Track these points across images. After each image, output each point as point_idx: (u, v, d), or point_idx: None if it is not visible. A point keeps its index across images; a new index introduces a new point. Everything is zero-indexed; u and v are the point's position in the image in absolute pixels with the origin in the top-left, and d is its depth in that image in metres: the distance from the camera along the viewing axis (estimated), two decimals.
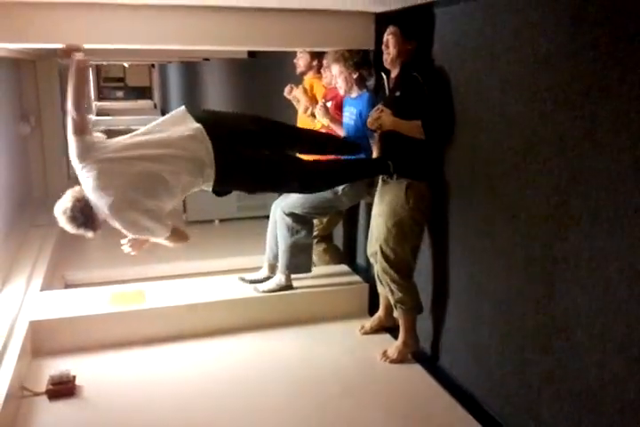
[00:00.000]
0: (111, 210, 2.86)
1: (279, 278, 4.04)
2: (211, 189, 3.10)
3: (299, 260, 4.00)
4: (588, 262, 2.27)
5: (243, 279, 4.22)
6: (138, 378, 3.34)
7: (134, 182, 2.86)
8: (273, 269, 4.15)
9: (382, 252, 3.30)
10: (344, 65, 3.67)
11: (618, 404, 2.18)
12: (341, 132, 3.96)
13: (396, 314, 3.45)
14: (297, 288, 4.08)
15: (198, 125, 3.01)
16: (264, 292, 4.02)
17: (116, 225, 2.97)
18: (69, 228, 2.99)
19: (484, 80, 2.82)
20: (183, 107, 3.19)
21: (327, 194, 3.81)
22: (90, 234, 3.03)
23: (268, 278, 4.14)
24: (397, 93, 3.21)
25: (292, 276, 4.07)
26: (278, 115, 4.67)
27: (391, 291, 3.38)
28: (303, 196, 3.84)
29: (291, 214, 3.89)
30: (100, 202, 2.87)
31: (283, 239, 3.94)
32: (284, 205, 3.92)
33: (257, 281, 4.17)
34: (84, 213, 2.95)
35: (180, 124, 3.04)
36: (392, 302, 3.42)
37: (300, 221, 3.92)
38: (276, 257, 4.08)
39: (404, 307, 3.37)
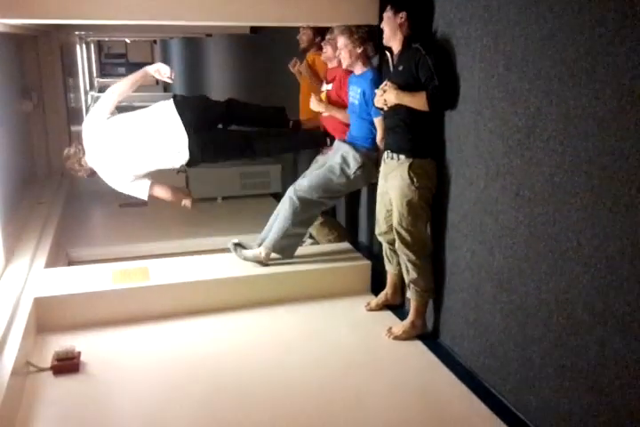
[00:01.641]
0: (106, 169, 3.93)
1: (259, 251, 4.02)
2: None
3: (286, 243, 4.00)
4: (590, 241, 2.27)
5: (233, 244, 4.16)
6: (142, 354, 3.37)
7: (123, 152, 3.87)
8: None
9: (398, 233, 3.32)
10: (349, 38, 3.64)
11: (618, 381, 2.20)
12: (343, 117, 4.01)
13: (408, 294, 3.47)
14: (301, 264, 4.09)
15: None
16: (238, 256, 4.03)
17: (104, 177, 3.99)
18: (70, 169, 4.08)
19: (488, 56, 2.79)
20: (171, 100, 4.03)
21: (341, 178, 3.82)
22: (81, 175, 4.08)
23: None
24: (401, 67, 3.19)
25: (297, 253, 4.09)
26: (280, 89, 4.64)
27: (407, 271, 3.39)
28: (317, 180, 3.86)
29: (301, 199, 3.88)
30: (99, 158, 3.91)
31: (282, 219, 3.93)
32: (299, 187, 3.91)
33: (242, 246, 4.14)
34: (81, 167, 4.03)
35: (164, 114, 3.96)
36: (407, 281, 3.43)
37: (308, 208, 3.91)
38: None
39: (417, 288, 3.38)
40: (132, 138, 3.89)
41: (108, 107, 3.94)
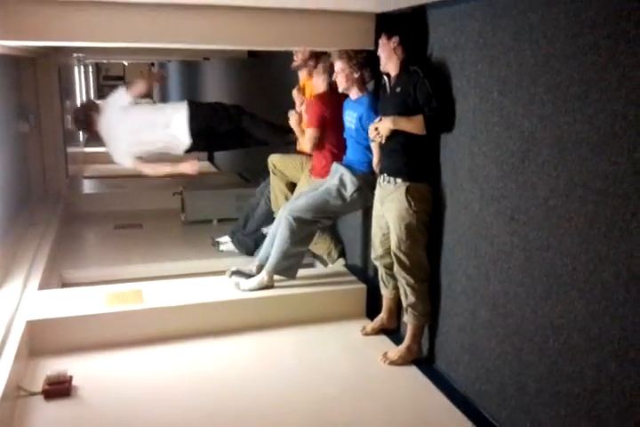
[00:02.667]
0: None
1: (262, 277, 4.03)
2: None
3: (287, 263, 4.00)
4: (586, 265, 2.27)
5: (230, 273, 4.21)
6: (134, 378, 3.34)
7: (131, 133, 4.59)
8: (261, 269, 4.13)
9: (397, 257, 3.31)
10: (347, 63, 3.67)
11: (615, 408, 2.18)
12: (300, 139, 4.29)
13: (405, 318, 3.44)
14: (295, 288, 4.08)
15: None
16: (244, 290, 4.02)
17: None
18: (71, 125, 4.75)
19: (482, 82, 2.82)
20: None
21: (337, 200, 3.84)
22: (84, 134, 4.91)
23: (251, 276, 4.13)
24: (398, 89, 3.21)
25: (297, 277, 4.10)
26: (277, 114, 4.67)
27: (405, 294, 3.37)
28: (312, 201, 3.89)
29: (297, 219, 3.89)
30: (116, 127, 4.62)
31: (280, 241, 3.93)
32: (293, 208, 3.92)
33: (241, 273, 4.16)
34: (85, 118, 4.69)
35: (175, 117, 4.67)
36: (404, 305, 3.41)
37: (304, 227, 3.92)
38: (268, 258, 4.08)
39: (415, 312, 3.36)
40: (142, 126, 4.63)
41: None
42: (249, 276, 4.14)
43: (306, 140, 4.17)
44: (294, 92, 4.53)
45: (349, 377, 3.37)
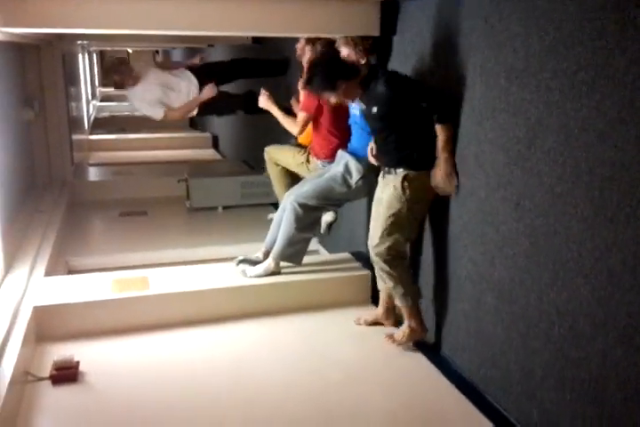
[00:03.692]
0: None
1: (269, 264, 4.06)
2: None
3: (293, 249, 4.02)
4: (592, 252, 2.27)
5: (237, 261, 4.23)
6: (140, 364, 3.36)
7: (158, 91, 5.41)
8: (268, 255, 4.15)
9: (375, 242, 3.31)
10: (353, 49, 3.64)
11: (620, 393, 2.19)
12: (282, 120, 4.37)
13: (395, 302, 3.47)
14: (300, 274, 4.09)
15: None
16: (251, 277, 4.04)
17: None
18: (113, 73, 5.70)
19: (489, 68, 2.80)
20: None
21: (343, 188, 3.84)
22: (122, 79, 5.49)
23: (258, 263, 4.15)
24: (374, 110, 3.18)
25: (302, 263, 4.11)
26: (280, 99, 4.67)
27: (383, 280, 3.41)
28: (318, 188, 3.89)
29: (303, 205, 3.89)
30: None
31: (286, 227, 3.94)
32: (298, 194, 3.92)
33: (248, 261, 4.18)
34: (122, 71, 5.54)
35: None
36: (387, 289, 3.44)
37: (310, 213, 3.93)
38: (274, 244, 4.09)
39: (399, 295, 3.38)
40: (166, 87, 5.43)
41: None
42: (256, 263, 4.15)
43: (296, 123, 4.22)
44: (292, 102, 4.62)
45: (354, 363, 3.39)
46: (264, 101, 4.49)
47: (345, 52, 3.67)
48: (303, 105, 4.15)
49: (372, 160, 3.51)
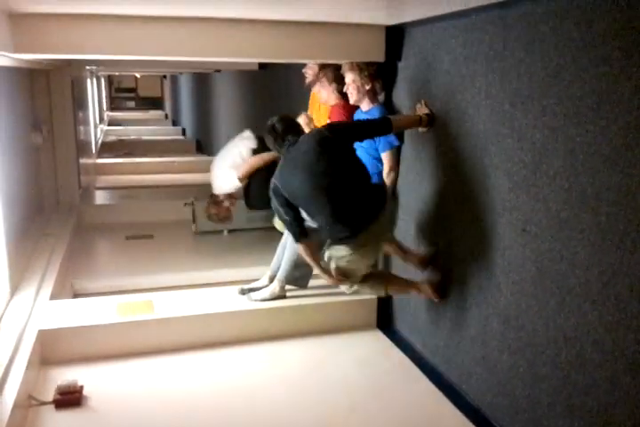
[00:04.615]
0: None
1: (274, 287, 4.05)
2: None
3: (299, 273, 4.02)
4: (599, 277, 2.26)
5: (241, 290, 4.21)
6: (145, 389, 3.34)
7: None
8: (273, 279, 4.14)
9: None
10: (358, 75, 3.68)
11: (629, 422, 2.16)
12: None
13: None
14: (306, 298, 4.08)
15: None
16: (256, 300, 4.03)
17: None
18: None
19: (493, 93, 2.82)
20: None
21: None
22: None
23: (262, 288, 4.13)
24: (322, 169, 3.10)
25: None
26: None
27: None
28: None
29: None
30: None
31: (291, 250, 3.94)
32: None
33: (253, 289, 4.17)
34: None
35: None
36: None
37: (314, 236, 3.90)
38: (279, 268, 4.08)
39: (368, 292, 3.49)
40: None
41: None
42: (259, 289, 4.14)
43: None
44: (301, 119, 4.56)
45: (360, 389, 3.36)
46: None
47: (350, 77, 3.70)
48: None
49: None
